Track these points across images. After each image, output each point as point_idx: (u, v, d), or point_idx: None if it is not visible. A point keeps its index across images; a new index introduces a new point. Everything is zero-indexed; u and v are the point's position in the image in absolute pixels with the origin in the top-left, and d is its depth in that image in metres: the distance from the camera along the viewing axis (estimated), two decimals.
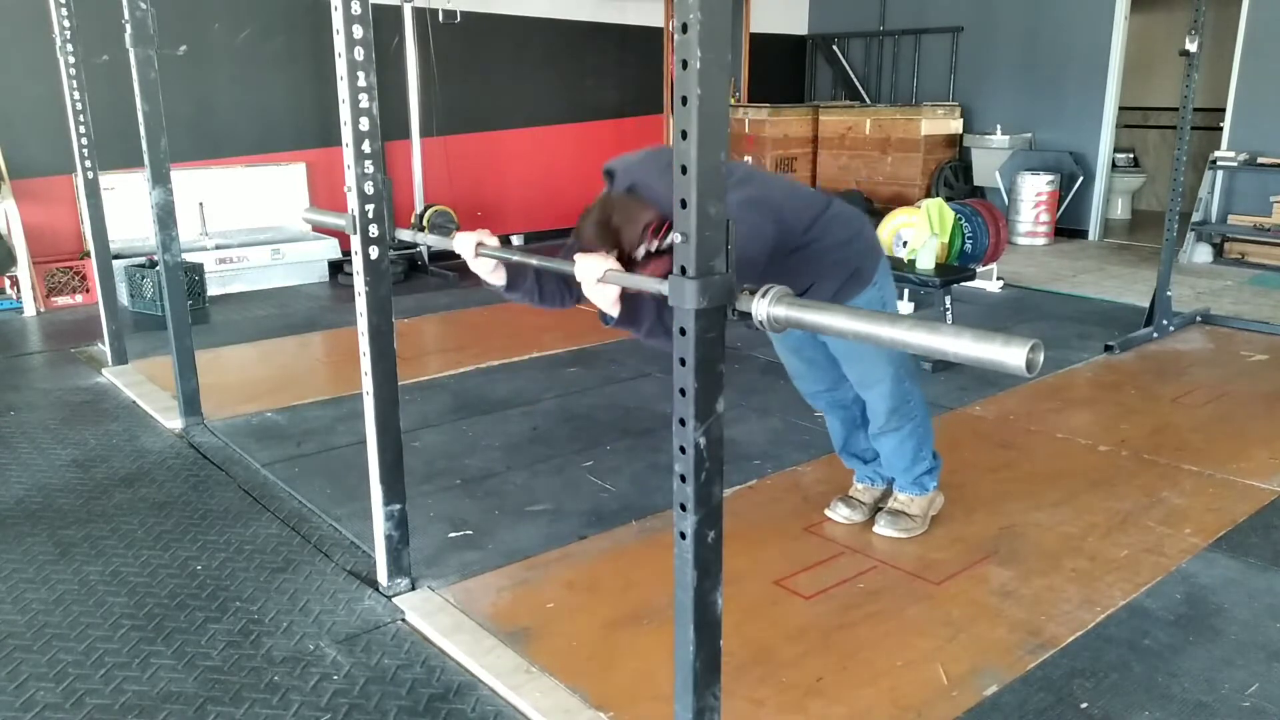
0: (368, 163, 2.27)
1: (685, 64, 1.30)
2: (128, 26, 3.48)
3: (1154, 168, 9.77)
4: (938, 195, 7.77)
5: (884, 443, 2.82)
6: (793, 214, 2.41)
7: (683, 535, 1.51)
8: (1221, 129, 7.44)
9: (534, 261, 1.98)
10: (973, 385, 4.29)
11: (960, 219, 5.68)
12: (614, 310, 1.95)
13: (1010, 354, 1.21)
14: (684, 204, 1.36)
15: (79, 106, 4.29)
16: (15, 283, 5.74)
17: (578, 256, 1.82)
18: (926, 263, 4.99)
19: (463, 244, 2.14)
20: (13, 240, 5.63)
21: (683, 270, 1.39)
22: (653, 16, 8.59)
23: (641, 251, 2.08)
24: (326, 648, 2.35)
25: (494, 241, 2.16)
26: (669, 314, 1.98)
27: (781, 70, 9.83)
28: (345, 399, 4.06)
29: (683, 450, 1.47)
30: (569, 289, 2.34)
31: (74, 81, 4.25)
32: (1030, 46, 8.28)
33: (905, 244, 5.70)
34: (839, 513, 2.98)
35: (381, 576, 2.60)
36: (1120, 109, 8.18)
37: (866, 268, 2.58)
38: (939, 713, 2.08)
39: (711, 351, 1.44)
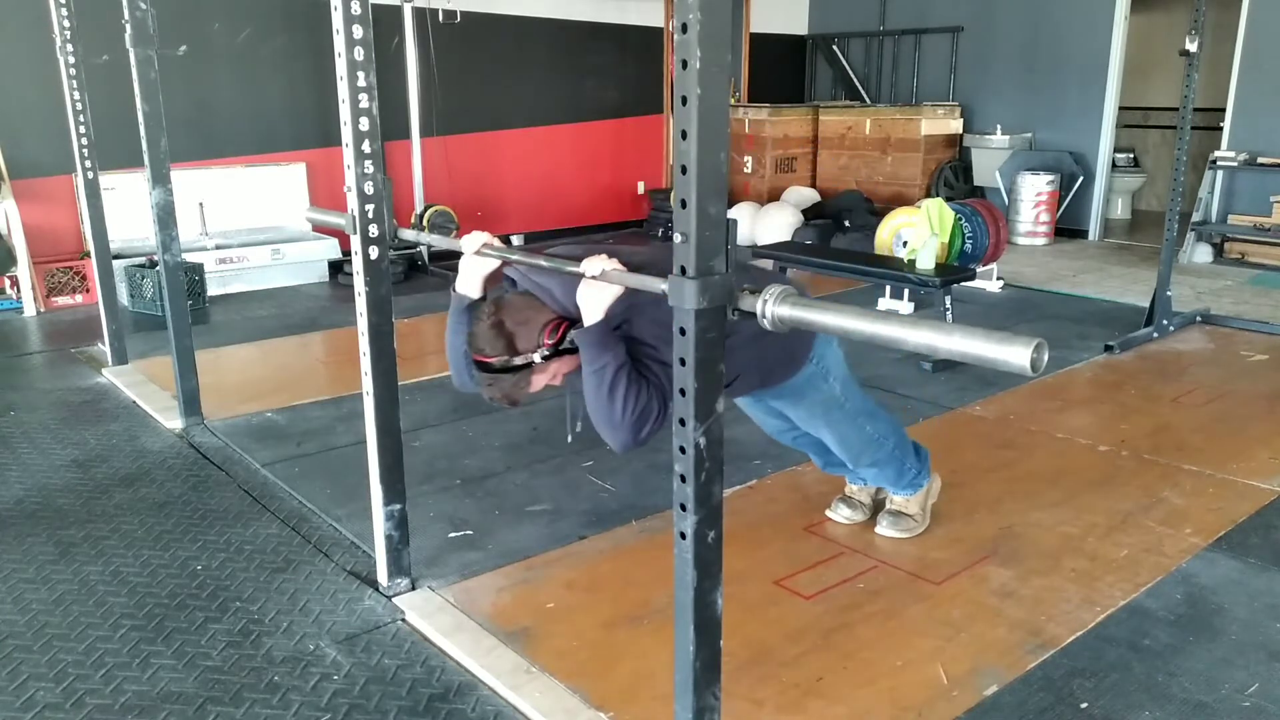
0: (368, 163, 2.27)
1: (685, 64, 1.30)
2: (128, 26, 3.48)
3: (1154, 168, 9.77)
4: (938, 195, 7.76)
5: (864, 472, 2.84)
6: None
7: (683, 535, 1.52)
8: (1221, 129, 7.44)
9: (541, 262, 1.98)
10: (973, 385, 4.29)
11: (960, 219, 5.67)
12: (601, 314, 1.94)
13: (1014, 353, 1.21)
14: (684, 204, 1.36)
15: (79, 106, 4.29)
16: (15, 283, 5.74)
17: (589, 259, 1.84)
18: (926, 263, 4.99)
19: (469, 241, 2.15)
20: (13, 240, 5.63)
21: (682, 270, 1.39)
22: (653, 16, 8.59)
23: (538, 356, 2.05)
24: (326, 648, 2.35)
25: (498, 245, 2.17)
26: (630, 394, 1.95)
27: (781, 70, 9.83)
28: (345, 399, 4.06)
29: (683, 450, 1.47)
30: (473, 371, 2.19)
31: (74, 81, 4.25)
32: (1030, 46, 8.28)
33: (905, 244, 5.70)
34: (840, 513, 2.98)
35: (381, 576, 2.60)
36: (1120, 109, 8.18)
37: (799, 351, 2.44)
38: (939, 713, 2.09)
39: (711, 351, 1.44)
